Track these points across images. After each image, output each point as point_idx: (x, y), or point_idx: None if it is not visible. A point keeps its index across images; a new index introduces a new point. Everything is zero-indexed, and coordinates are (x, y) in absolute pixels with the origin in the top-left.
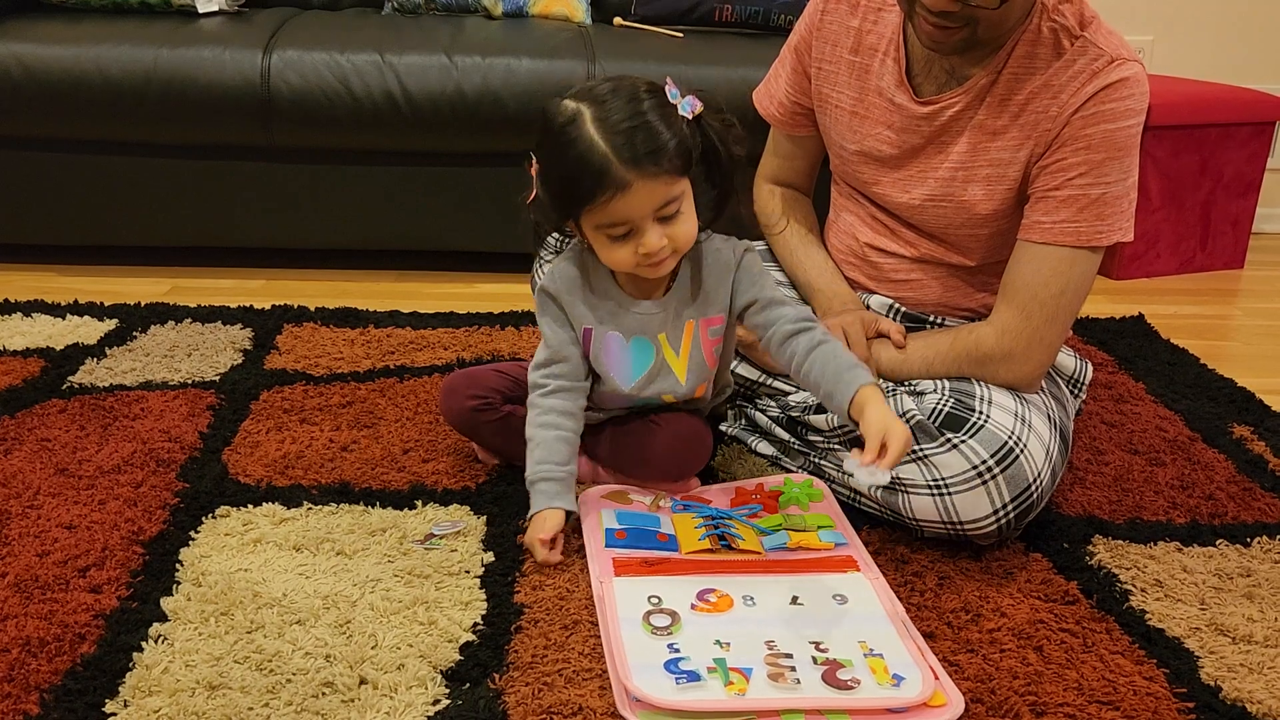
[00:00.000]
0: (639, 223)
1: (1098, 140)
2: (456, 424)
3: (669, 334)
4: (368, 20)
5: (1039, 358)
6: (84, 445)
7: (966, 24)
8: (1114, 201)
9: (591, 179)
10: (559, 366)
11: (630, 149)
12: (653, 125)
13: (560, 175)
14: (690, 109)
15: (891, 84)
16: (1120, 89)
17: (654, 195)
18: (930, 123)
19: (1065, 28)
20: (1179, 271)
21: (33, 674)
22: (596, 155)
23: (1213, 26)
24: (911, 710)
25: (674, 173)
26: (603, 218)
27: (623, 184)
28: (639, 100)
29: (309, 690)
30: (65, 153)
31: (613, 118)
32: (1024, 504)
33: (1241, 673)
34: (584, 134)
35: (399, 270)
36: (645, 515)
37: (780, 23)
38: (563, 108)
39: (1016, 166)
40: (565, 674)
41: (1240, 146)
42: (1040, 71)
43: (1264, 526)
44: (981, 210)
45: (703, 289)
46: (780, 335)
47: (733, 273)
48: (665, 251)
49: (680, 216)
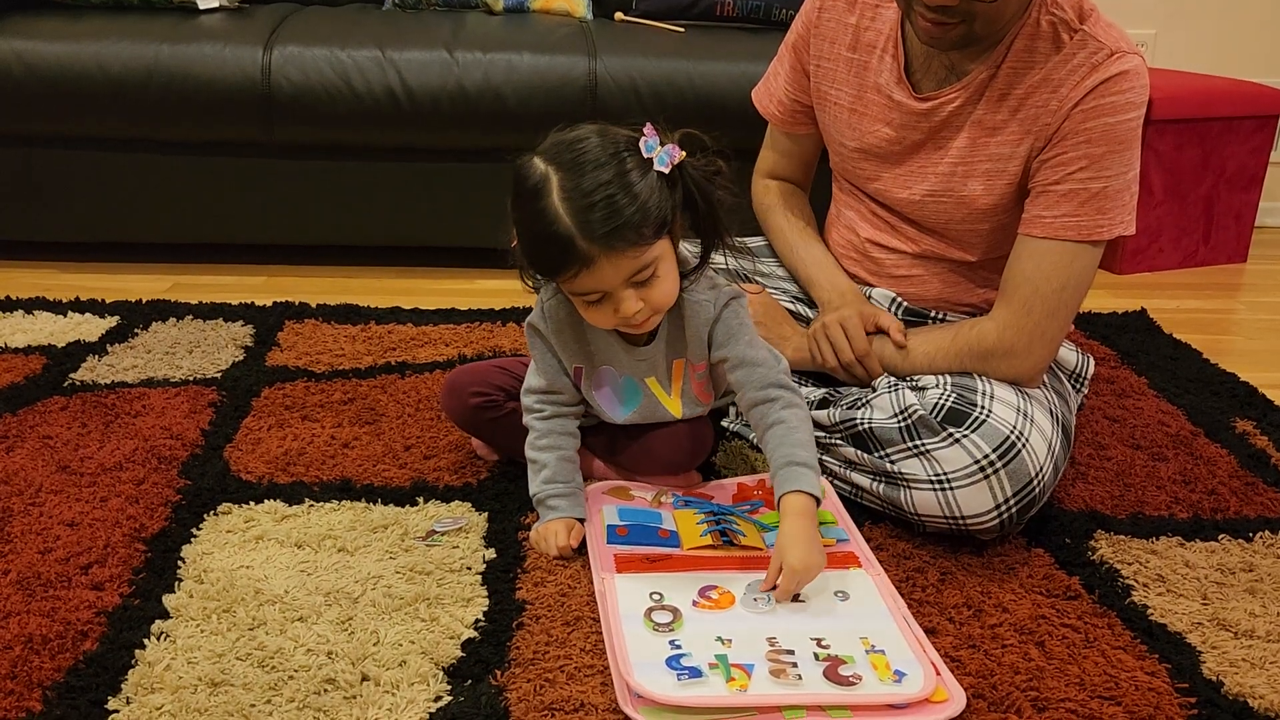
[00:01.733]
0: (612, 291)
1: (1098, 134)
2: (459, 421)
3: (658, 377)
4: (368, 16)
5: (1041, 353)
6: (86, 442)
7: (964, 19)
8: (1114, 195)
9: (557, 254)
10: (553, 395)
11: (599, 224)
12: (622, 196)
13: (528, 244)
14: (668, 161)
15: (890, 80)
16: (1120, 82)
17: (621, 269)
18: (929, 119)
19: (1064, 21)
20: (1181, 266)
21: (35, 671)
22: (561, 231)
23: (1215, 20)
24: (913, 706)
25: (643, 243)
26: (574, 288)
27: (588, 261)
28: (612, 163)
29: (311, 687)
30: (66, 149)
31: (581, 187)
32: (1026, 498)
33: (1244, 668)
34: (549, 206)
35: (400, 266)
36: (647, 511)
37: (781, 17)
38: (532, 169)
39: (1016, 161)
40: (567, 670)
41: (1243, 140)
42: (1040, 66)
43: (1266, 521)
44: (982, 205)
45: (684, 339)
46: (747, 401)
47: (710, 326)
48: (643, 314)
49: (656, 279)
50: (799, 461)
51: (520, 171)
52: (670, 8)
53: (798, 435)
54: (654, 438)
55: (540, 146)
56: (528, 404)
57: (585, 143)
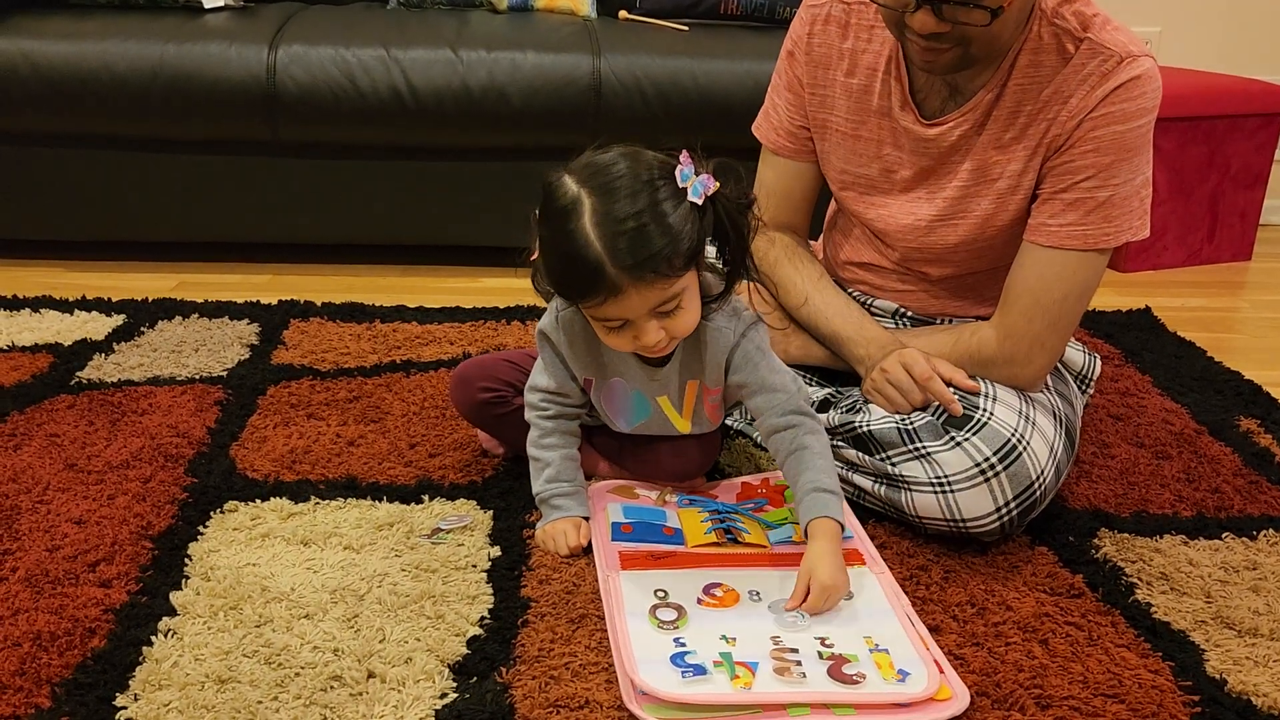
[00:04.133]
0: (635, 320)
1: (1107, 142)
2: (467, 414)
3: (670, 396)
4: (373, 15)
5: (1041, 361)
6: (92, 440)
7: (959, 43)
8: (1122, 202)
9: (585, 281)
10: (559, 396)
11: (627, 255)
12: (656, 227)
13: (554, 265)
14: (702, 191)
15: (895, 105)
16: (1133, 88)
17: (649, 299)
18: (938, 144)
19: (1067, 30)
20: (1186, 264)
21: (44, 668)
22: (591, 257)
23: (1220, 18)
24: (917, 704)
25: (673, 274)
26: (597, 314)
27: (616, 289)
28: (646, 191)
29: (317, 684)
30: (71, 148)
31: (614, 213)
32: (1026, 502)
33: (1247, 666)
34: (580, 230)
35: (405, 265)
36: (652, 509)
37: (785, 15)
38: (564, 189)
39: (1030, 175)
40: (572, 668)
41: (1248, 138)
42: (1048, 80)
43: (1270, 520)
44: (997, 223)
45: (701, 363)
46: (768, 428)
47: (729, 353)
48: (663, 344)
49: (680, 310)
50: (824, 488)
51: (551, 189)
52: (674, 6)
53: (820, 462)
54: (662, 449)
55: (572, 164)
56: (532, 401)
57: (619, 166)
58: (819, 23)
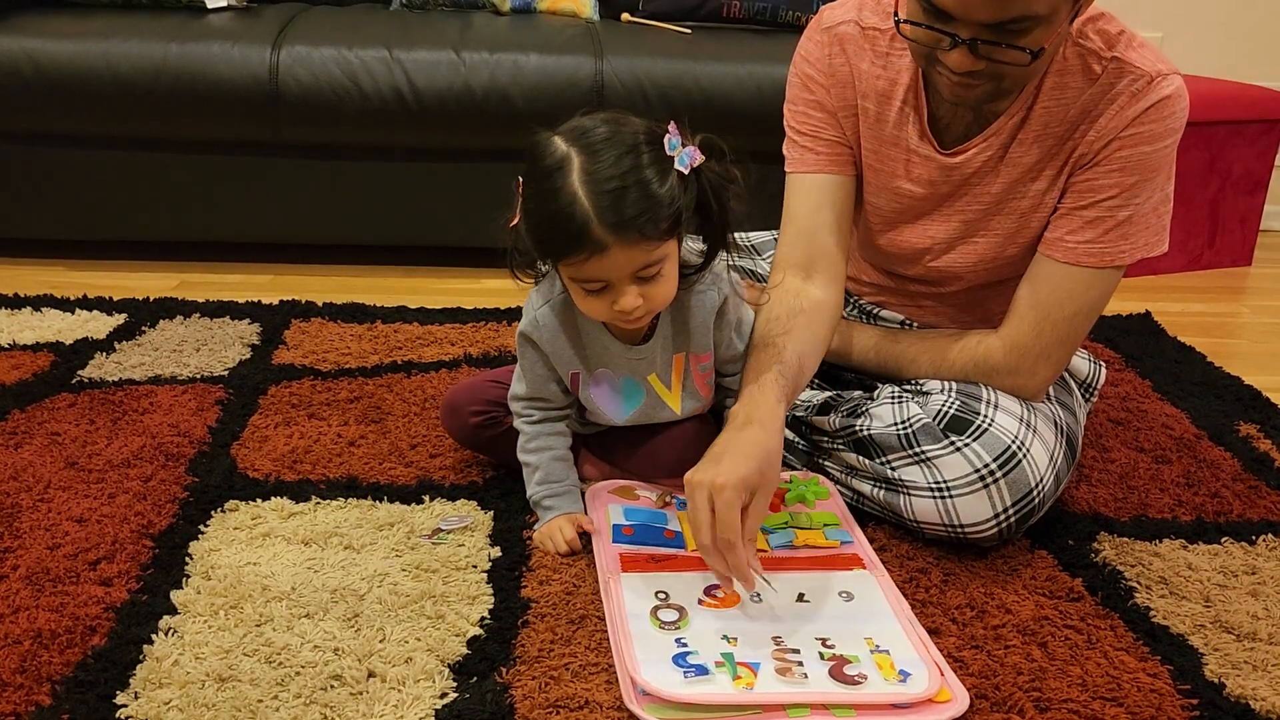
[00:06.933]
0: (615, 283)
1: (1134, 163)
2: (462, 440)
3: (659, 372)
4: (376, 16)
5: (1045, 374)
6: (93, 439)
7: (993, 79)
8: (1140, 220)
9: (570, 236)
10: (540, 401)
11: (614, 212)
12: (642, 187)
13: (539, 223)
14: (689, 161)
15: (914, 134)
16: (1164, 108)
17: (633, 260)
18: (960, 171)
19: (1093, 51)
20: (1186, 269)
21: (44, 666)
22: (578, 213)
23: (1222, 23)
24: (917, 706)
25: (657, 238)
26: (578, 273)
27: (600, 247)
28: (634, 154)
29: (317, 683)
30: (74, 148)
31: (601, 173)
32: (1025, 508)
33: (1245, 670)
34: (568, 186)
35: (406, 266)
36: (652, 512)
37: (788, 19)
38: (552, 148)
39: (1054, 193)
40: (572, 668)
41: (1249, 144)
42: (1074, 101)
43: (1269, 524)
44: (1020, 240)
45: (687, 330)
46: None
47: (716, 310)
48: (640, 311)
49: (660, 278)
50: None
51: (538, 148)
52: (676, 9)
53: None
54: (658, 441)
55: (561, 127)
56: (516, 409)
57: (608, 128)
58: (835, 44)
